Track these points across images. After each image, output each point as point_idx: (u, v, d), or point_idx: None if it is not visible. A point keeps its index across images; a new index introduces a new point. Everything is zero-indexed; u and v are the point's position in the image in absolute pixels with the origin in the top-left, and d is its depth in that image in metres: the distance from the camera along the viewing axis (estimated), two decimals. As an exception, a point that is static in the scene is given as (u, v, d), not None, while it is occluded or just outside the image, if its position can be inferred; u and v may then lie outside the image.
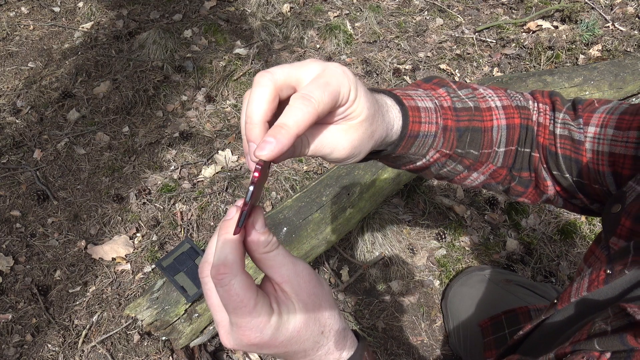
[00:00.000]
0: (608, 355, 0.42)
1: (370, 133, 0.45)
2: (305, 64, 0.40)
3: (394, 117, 0.50)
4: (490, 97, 0.62)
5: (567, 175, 0.63)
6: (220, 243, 0.38)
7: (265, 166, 0.38)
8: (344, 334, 0.45)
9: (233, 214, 0.40)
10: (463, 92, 0.61)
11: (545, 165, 0.64)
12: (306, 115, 0.36)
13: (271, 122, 0.39)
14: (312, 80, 0.39)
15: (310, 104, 0.37)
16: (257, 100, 0.38)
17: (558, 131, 0.62)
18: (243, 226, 0.38)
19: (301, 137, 0.41)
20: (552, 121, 0.63)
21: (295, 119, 0.36)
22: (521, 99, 0.65)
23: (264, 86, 0.38)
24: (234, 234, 0.38)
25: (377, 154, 0.54)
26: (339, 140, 0.43)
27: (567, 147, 0.61)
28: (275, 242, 0.41)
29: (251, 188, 0.38)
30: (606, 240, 0.55)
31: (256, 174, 0.37)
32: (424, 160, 0.57)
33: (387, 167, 1.39)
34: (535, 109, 0.65)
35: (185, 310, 1.15)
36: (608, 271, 0.50)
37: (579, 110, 0.62)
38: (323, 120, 0.42)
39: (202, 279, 0.42)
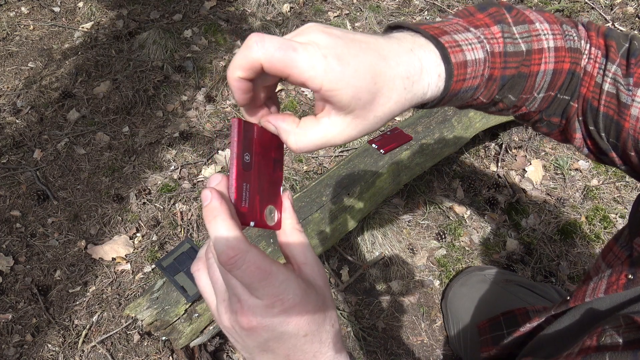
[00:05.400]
0: None
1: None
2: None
3: (432, 78, 0.42)
4: (544, 35, 0.55)
5: (603, 134, 0.57)
6: (213, 229, 0.35)
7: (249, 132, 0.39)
8: (339, 339, 0.44)
9: (209, 198, 0.36)
10: (518, 30, 0.53)
11: (581, 118, 0.59)
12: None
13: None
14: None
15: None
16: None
17: (606, 86, 0.56)
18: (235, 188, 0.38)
19: None
20: (600, 71, 0.57)
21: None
22: (575, 38, 0.58)
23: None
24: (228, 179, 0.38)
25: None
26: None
27: (611, 107, 0.56)
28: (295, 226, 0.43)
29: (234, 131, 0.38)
30: (629, 240, 0.53)
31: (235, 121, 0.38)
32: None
33: (388, 166, 1.39)
34: (587, 52, 0.58)
35: (185, 310, 1.15)
36: (630, 276, 0.48)
37: (631, 65, 0.55)
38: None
39: (193, 273, 0.43)
